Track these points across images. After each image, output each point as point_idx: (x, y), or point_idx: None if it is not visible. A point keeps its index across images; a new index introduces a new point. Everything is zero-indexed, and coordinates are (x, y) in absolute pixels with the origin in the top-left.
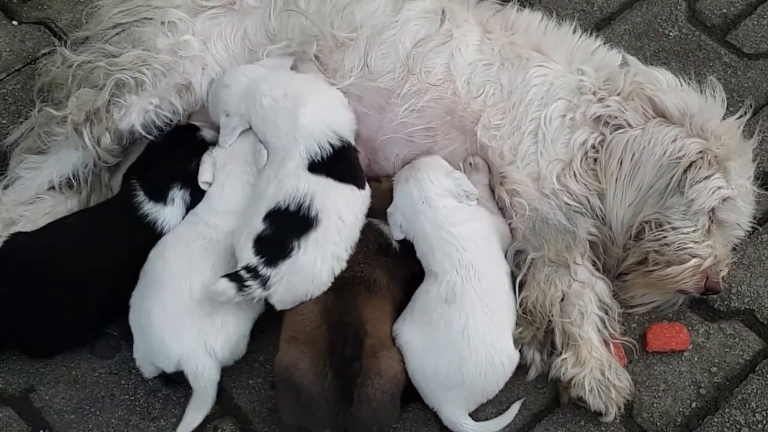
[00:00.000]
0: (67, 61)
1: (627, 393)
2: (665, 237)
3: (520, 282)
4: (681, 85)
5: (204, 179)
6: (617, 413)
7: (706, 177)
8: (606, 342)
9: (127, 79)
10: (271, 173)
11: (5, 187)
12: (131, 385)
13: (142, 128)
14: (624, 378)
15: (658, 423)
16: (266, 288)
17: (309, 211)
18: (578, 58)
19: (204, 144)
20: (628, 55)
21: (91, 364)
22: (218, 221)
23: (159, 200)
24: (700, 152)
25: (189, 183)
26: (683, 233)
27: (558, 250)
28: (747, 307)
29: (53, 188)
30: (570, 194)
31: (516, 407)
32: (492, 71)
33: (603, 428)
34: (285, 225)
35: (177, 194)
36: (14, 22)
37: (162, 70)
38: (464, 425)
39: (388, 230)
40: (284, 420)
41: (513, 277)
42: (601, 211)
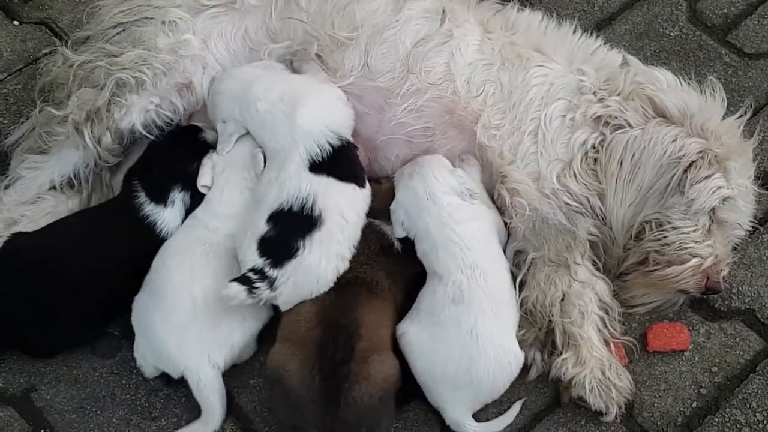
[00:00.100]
0: (68, 61)
1: (628, 392)
2: (666, 237)
3: (521, 282)
4: (681, 85)
5: (203, 183)
6: (618, 413)
7: (707, 177)
8: (606, 342)
9: (128, 79)
10: (272, 175)
11: (6, 187)
12: (132, 385)
13: (143, 128)
14: (624, 377)
15: (659, 423)
16: (273, 289)
17: (312, 211)
18: (578, 58)
19: (206, 145)
20: (629, 55)
21: (92, 364)
22: (218, 224)
23: (159, 202)
24: (701, 152)
25: (189, 185)
26: (684, 233)
27: (558, 250)
28: (748, 307)
29: (54, 188)
30: (570, 194)
31: (517, 407)
32: (492, 71)
33: (604, 428)
34: (289, 226)
35: (177, 196)
36: (15, 22)
37: (162, 70)
38: (467, 426)
39: (390, 231)
40: (279, 419)
41: (513, 277)
42: (602, 211)
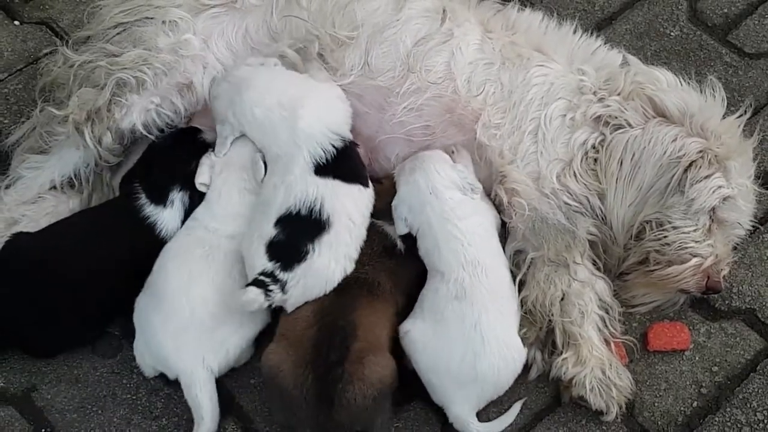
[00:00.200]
0: (69, 61)
1: (628, 392)
2: (666, 236)
3: (520, 281)
4: (681, 85)
5: (201, 180)
6: (618, 412)
7: (707, 176)
8: (607, 341)
9: (129, 79)
10: (277, 180)
11: (7, 187)
12: (133, 385)
13: (143, 127)
14: (625, 377)
15: (660, 422)
16: (285, 292)
17: (320, 215)
18: (579, 58)
19: (205, 146)
20: (629, 55)
21: (93, 364)
22: (217, 225)
23: (159, 202)
24: (701, 151)
25: (188, 185)
26: (684, 233)
27: (558, 250)
28: (748, 307)
29: (55, 188)
30: (570, 194)
31: (517, 407)
32: (492, 70)
33: (604, 427)
34: (298, 229)
35: (176, 196)
36: (16, 22)
37: (163, 70)
38: (471, 425)
39: (393, 231)
40: (275, 419)
41: (513, 277)
42: (602, 211)
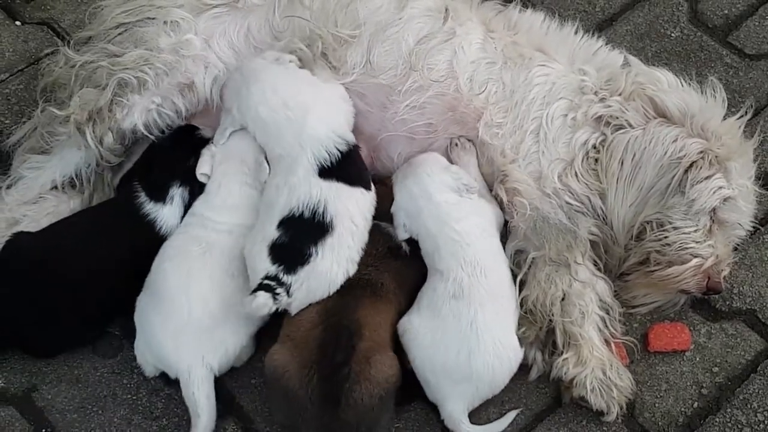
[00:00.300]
0: (70, 61)
1: (629, 392)
2: (666, 237)
3: (521, 281)
4: (682, 86)
5: (202, 171)
6: (619, 413)
7: (707, 177)
8: (607, 342)
9: (130, 79)
10: (280, 181)
11: (8, 187)
12: (133, 385)
13: (144, 127)
14: (626, 377)
15: (660, 423)
16: (290, 295)
17: (324, 217)
18: (580, 59)
19: (203, 142)
20: (630, 56)
21: (94, 364)
22: (215, 217)
23: (159, 200)
24: (701, 152)
25: (187, 181)
26: (684, 233)
27: (559, 250)
28: (749, 307)
29: (56, 188)
30: (571, 194)
31: (512, 415)
32: (495, 69)
33: (605, 428)
34: (301, 231)
35: (176, 192)
36: (17, 23)
37: (164, 70)
38: (462, 424)
39: (395, 231)
40: (275, 420)
41: (513, 276)
42: (603, 211)
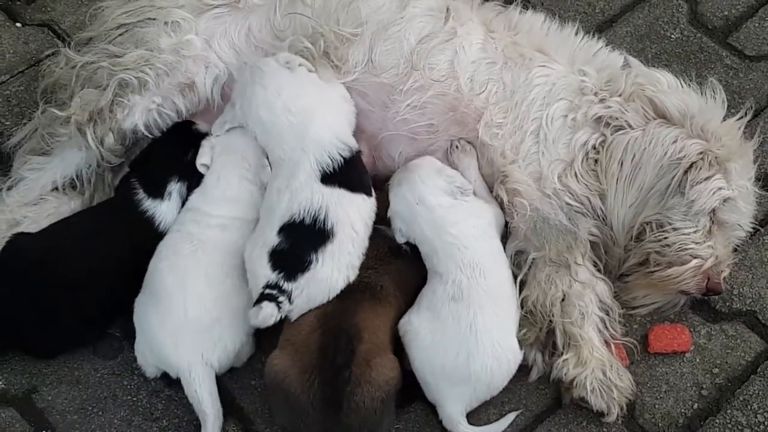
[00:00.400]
0: (71, 62)
1: (629, 393)
2: (666, 238)
3: (521, 282)
4: (682, 87)
5: (202, 161)
6: (619, 414)
7: (707, 178)
8: (607, 343)
9: (130, 79)
10: (281, 185)
11: (9, 188)
12: (134, 386)
13: (145, 128)
14: (626, 378)
15: (660, 424)
16: (291, 303)
17: (325, 224)
18: (580, 59)
19: (200, 136)
20: (630, 57)
21: (94, 365)
22: (212, 210)
23: (157, 196)
24: (701, 153)
25: (185, 175)
26: (684, 234)
27: (559, 250)
28: (749, 309)
29: (57, 189)
30: (571, 194)
31: (511, 417)
32: (495, 69)
33: (605, 429)
34: (301, 238)
35: (174, 187)
36: (18, 24)
37: (165, 70)
38: (460, 425)
39: None
40: (277, 423)
41: (513, 276)
42: (602, 212)
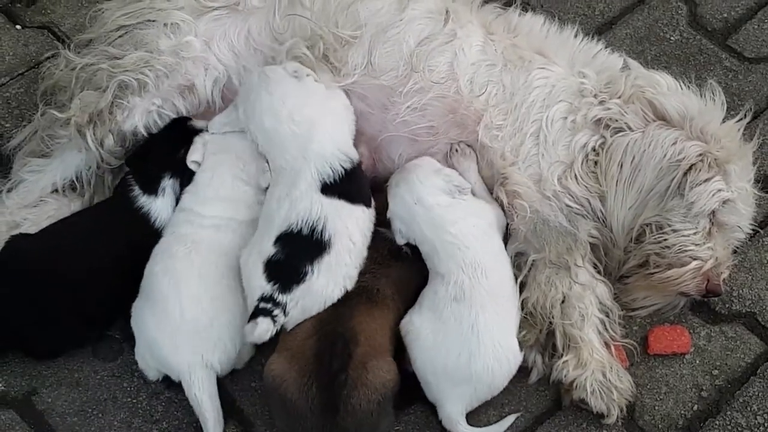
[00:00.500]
0: (71, 64)
1: (629, 394)
2: (666, 239)
3: (521, 283)
4: (681, 89)
5: (193, 158)
6: (619, 415)
7: (707, 180)
8: (607, 344)
9: (130, 81)
10: (281, 193)
11: (9, 191)
12: (134, 388)
13: (145, 129)
14: (625, 379)
15: (660, 426)
16: (286, 314)
17: (322, 235)
18: (580, 62)
19: (195, 132)
20: (629, 59)
21: (94, 367)
22: (204, 210)
23: (151, 192)
24: (700, 155)
25: (178, 171)
26: (684, 236)
27: (559, 252)
28: (748, 310)
29: (56, 191)
30: (571, 196)
31: (511, 419)
32: (495, 72)
33: (605, 430)
34: (298, 249)
35: (167, 184)
36: (18, 27)
37: (164, 72)
38: (459, 425)
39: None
40: (277, 427)
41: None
42: (602, 214)
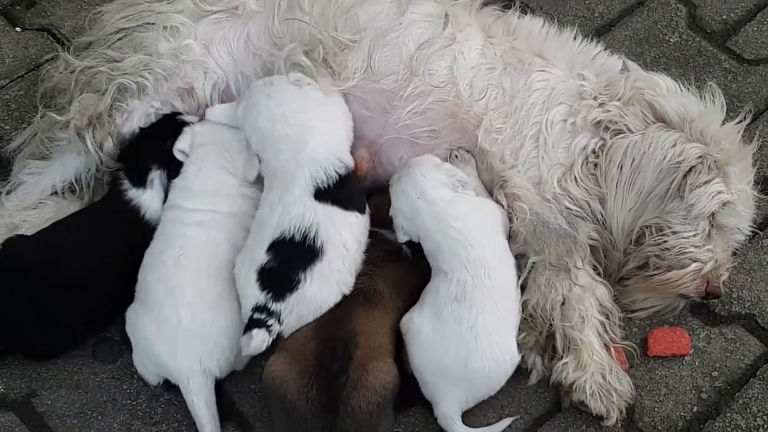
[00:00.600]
0: (70, 66)
1: (628, 397)
2: (666, 241)
3: (521, 285)
4: (681, 91)
5: (180, 147)
6: (619, 417)
7: (706, 181)
8: (607, 346)
9: (129, 84)
10: (274, 198)
11: (8, 193)
12: (133, 390)
13: None
14: (625, 382)
15: (660, 427)
16: (281, 323)
17: (314, 242)
18: (579, 64)
19: (183, 124)
20: (629, 61)
21: (93, 369)
22: (192, 204)
23: (140, 185)
24: (700, 157)
25: (165, 163)
26: (683, 237)
27: (559, 254)
28: (748, 312)
29: (56, 193)
30: (571, 198)
31: (507, 422)
32: (494, 75)
33: None
34: (290, 256)
35: (155, 175)
36: (17, 29)
37: (164, 75)
38: (454, 424)
39: (395, 237)
40: (277, 430)
41: None
42: (602, 216)
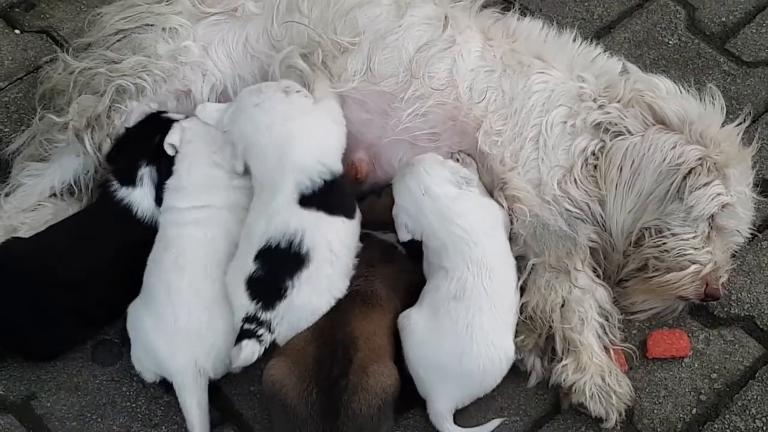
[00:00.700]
0: (69, 68)
1: (628, 399)
2: (665, 243)
3: (521, 287)
4: (680, 93)
5: (170, 141)
6: (618, 419)
7: (706, 184)
8: (606, 348)
9: (128, 85)
10: (260, 206)
11: (7, 195)
12: (133, 392)
13: None
14: (624, 384)
15: (659, 429)
16: (272, 332)
17: (300, 249)
18: (579, 66)
19: (169, 122)
20: (628, 63)
21: (93, 371)
22: (186, 202)
23: (129, 183)
24: (700, 159)
25: (154, 159)
26: (683, 239)
27: (558, 256)
28: (747, 314)
29: (54, 195)
30: (571, 200)
31: (496, 422)
32: (494, 77)
33: None
34: (277, 264)
35: (144, 172)
36: (16, 31)
37: (162, 76)
38: (446, 422)
39: (389, 238)
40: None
41: None
42: (602, 218)
